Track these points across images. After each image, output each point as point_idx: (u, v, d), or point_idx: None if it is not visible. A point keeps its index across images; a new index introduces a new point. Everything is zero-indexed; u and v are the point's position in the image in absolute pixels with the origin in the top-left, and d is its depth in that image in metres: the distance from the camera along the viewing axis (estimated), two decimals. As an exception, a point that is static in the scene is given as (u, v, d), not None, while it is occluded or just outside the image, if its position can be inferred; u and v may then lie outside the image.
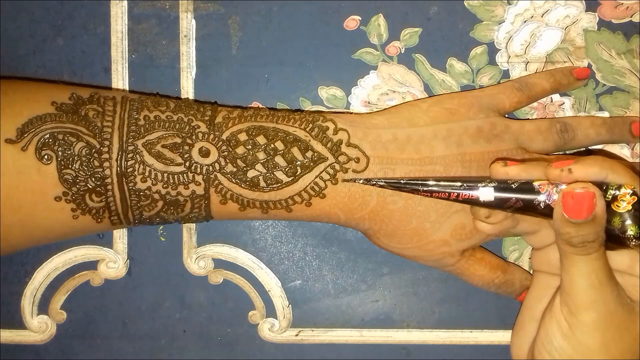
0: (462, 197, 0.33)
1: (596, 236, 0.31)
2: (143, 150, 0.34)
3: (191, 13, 0.41)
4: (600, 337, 0.32)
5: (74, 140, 0.33)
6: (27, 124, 0.33)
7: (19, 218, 0.33)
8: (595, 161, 0.32)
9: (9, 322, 0.42)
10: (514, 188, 0.33)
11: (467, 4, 0.41)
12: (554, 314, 0.34)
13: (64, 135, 0.33)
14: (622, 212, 0.32)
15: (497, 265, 0.38)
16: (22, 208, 0.33)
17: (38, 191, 0.33)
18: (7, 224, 0.33)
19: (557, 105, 0.41)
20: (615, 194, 0.32)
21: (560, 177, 0.32)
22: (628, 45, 0.41)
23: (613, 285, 0.33)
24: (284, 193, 0.35)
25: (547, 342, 0.34)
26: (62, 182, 0.33)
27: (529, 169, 0.33)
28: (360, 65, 0.41)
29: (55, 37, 0.41)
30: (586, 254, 0.32)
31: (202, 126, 0.35)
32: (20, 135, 0.33)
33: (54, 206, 0.34)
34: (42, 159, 0.33)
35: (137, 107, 0.35)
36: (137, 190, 0.34)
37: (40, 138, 0.33)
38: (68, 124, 0.33)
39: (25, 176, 0.33)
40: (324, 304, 0.42)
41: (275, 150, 0.35)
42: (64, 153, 0.33)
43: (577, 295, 0.32)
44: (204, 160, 0.34)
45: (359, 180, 0.35)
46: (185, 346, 0.42)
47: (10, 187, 0.33)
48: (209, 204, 0.35)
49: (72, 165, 0.33)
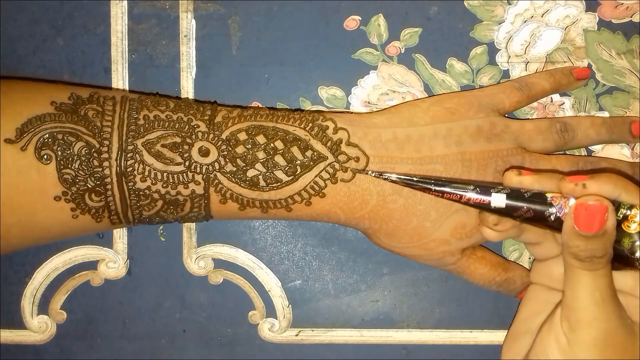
0: (474, 200, 0.33)
1: (604, 252, 0.31)
2: (142, 150, 0.34)
3: (191, 13, 0.41)
4: (598, 355, 0.32)
5: (74, 140, 0.33)
6: (26, 123, 0.33)
7: (18, 218, 0.33)
8: (610, 179, 0.31)
9: (9, 322, 0.42)
10: (526, 197, 0.32)
11: (467, 4, 0.41)
12: (553, 329, 0.33)
13: (64, 135, 0.33)
14: (633, 232, 0.31)
15: (498, 264, 0.38)
16: (22, 208, 0.33)
17: (37, 191, 0.33)
18: (6, 223, 0.33)
19: (557, 105, 0.41)
20: (626, 213, 0.31)
21: (574, 192, 0.31)
22: (628, 45, 0.41)
23: (616, 304, 0.32)
24: (283, 192, 0.35)
25: (542, 355, 0.33)
26: (61, 181, 0.33)
27: (542, 180, 0.33)
28: (360, 65, 0.41)
29: (55, 37, 0.41)
30: (592, 269, 0.31)
31: (202, 125, 0.35)
32: (19, 135, 0.33)
33: (54, 206, 0.34)
34: (42, 158, 0.33)
35: (136, 107, 0.35)
36: (136, 189, 0.34)
37: (39, 138, 0.33)
38: (67, 123, 0.33)
39: (25, 176, 0.33)
40: (324, 304, 0.42)
41: (275, 150, 0.35)
42: (64, 153, 0.33)
43: (579, 311, 0.32)
44: (204, 159, 0.34)
45: (372, 173, 0.35)
46: (185, 346, 0.42)
47: (9, 187, 0.33)
48: (208, 204, 0.35)
49: (71, 165, 0.33)
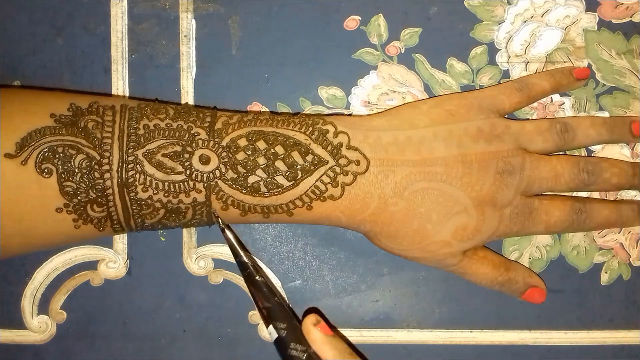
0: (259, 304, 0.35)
1: None
2: (143, 160, 0.34)
3: (191, 13, 0.41)
4: None
5: (74, 152, 0.33)
6: (26, 138, 0.33)
7: (19, 228, 0.33)
8: None
9: (9, 322, 0.42)
10: None
11: (467, 4, 0.41)
12: None
13: (64, 148, 0.33)
14: None
15: (499, 263, 0.38)
16: (23, 220, 0.33)
17: (39, 204, 0.33)
18: (7, 234, 0.33)
19: (557, 105, 0.41)
20: None
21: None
22: (628, 45, 0.41)
23: None
24: (284, 197, 0.35)
25: None
26: (63, 194, 0.33)
27: None
28: (360, 65, 0.41)
29: (55, 37, 0.41)
30: None
31: (202, 133, 0.35)
32: (19, 149, 0.33)
33: (55, 217, 0.34)
34: (42, 172, 0.33)
35: (136, 116, 0.34)
36: (138, 199, 0.34)
37: (39, 152, 0.33)
38: (67, 136, 0.33)
39: (26, 190, 0.33)
40: (324, 304, 0.42)
41: (276, 155, 0.35)
42: (64, 166, 0.33)
43: None
44: (205, 167, 0.34)
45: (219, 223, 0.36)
46: (185, 346, 0.42)
47: (10, 201, 0.33)
48: (210, 211, 0.35)
49: (72, 177, 0.33)
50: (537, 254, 0.41)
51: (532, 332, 0.41)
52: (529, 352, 0.41)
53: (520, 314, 0.41)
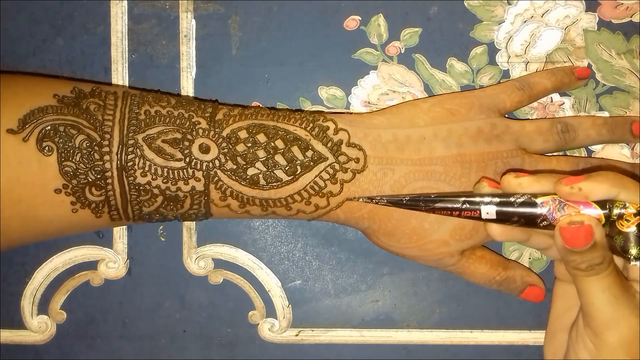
0: (465, 214, 0.33)
1: (602, 259, 0.31)
2: (143, 145, 0.34)
3: (191, 13, 0.41)
4: (626, 355, 0.32)
5: (75, 132, 0.33)
6: (28, 115, 0.33)
7: (18, 210, 0.33)
8: (606, 179, 0.32)
9: (9, 322, 0.42)
10: (516, 205, 0.32)
11: (467, 4, 0.41)
12: (580, 336, 0.34)
13: (65, 127, 0.33)
14: (626, 231, 0.31)
15: (497, 263, 0.38)
16: (22, 200, 0.33)
17: (38, 183, 0.33)
18: (6, 216, 0.33)
19: (557, 105, 0.41)
20: (621, 212, 0.31)
21: (571, 195, 0.32)
22: (628, 45, 0.41)
23: (630, 297, 0.33)
24: (283, 191, 0.35)
25: None
26: (62, 174, 0.33)
27: (541, 180, 0.33)
28: (360, 65, 0.41)
29: (55, 37, 0.41)
30: (596, 274, 0.32)
31: (203, 122, 0.35)
32: (21, 126, 0.33)
33: (54, 199, 0.34)
34: (43, 150, 0.33)
35: (138, 102, 0.35)
36: (136, 184, 0.34)
37: (41, 129, 0.33)
38: (69, 116, 0.33)
39: (26, 167, 0.33)
40: (324, 304, 0.42)
41: (276, 149, 0.35)
42: (65, 145, 0.33)
43: (595, 315, 0.32)
44: (204, 156, 0.34)
45: (363, 199, 0.35)
46: (185, 346, 0.42)
47: (10, 179, 0.33)
48: (208, 201, 0.35)
49: (72, 157, 0.33)
50: (537, 254, 0.41)
51: (532, 332, 0.41)
52: (529, 352, 0.41)
53: (520, 314, 0.41)
